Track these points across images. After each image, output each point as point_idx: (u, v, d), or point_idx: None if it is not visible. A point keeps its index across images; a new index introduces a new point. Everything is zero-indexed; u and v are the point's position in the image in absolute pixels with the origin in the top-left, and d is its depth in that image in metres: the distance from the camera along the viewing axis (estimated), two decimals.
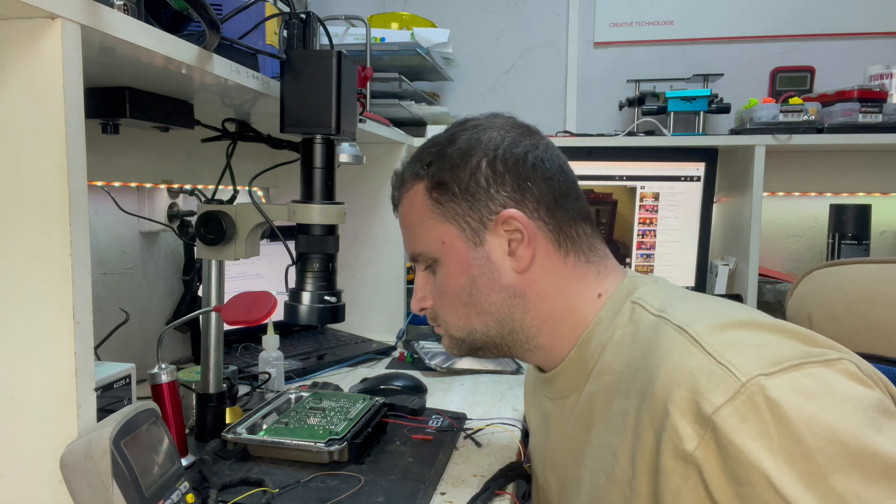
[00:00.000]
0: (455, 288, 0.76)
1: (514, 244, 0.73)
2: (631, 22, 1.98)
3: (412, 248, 0.80)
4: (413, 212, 0.78)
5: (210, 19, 0.66)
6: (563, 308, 0.74)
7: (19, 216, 0.53)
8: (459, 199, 0.74)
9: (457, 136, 0.77)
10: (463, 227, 0.74)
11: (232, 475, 0.82)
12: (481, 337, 0.77)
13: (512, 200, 0.73)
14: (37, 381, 0.54)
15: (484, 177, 0.74)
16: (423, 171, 0.77)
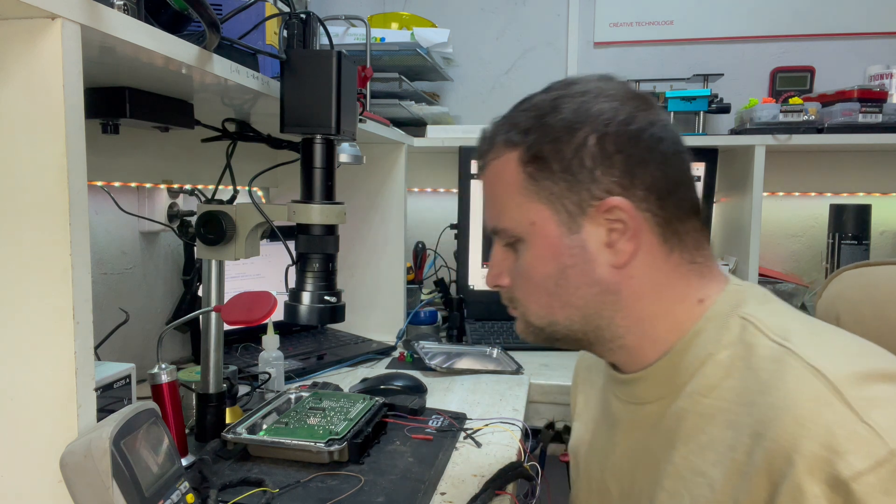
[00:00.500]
0: (541, 275, 0.69)
1: (614, 235, 0.65)
2: (631, 22, 1.98)
3: (495, 221, 0.72)
4: (501, 183, 0.70)
5: (210, 19, 0.66)
6: (659, 310, 0.67)
7: (19, 216, 0.53)
8: (558, 178, 0.66)
9: (562, 102, 0.67)
10: (558, 209, 0.66)
11: (232, 475, 0.82)
12: (562, 330, 0.70)
13: (619, 186, 0.64)
14: (37, 381, 0.54)
15: (590, 156, 0.65)
16: (519, 138, 0.68)
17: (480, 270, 1.65)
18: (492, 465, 0.89)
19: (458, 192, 1.65)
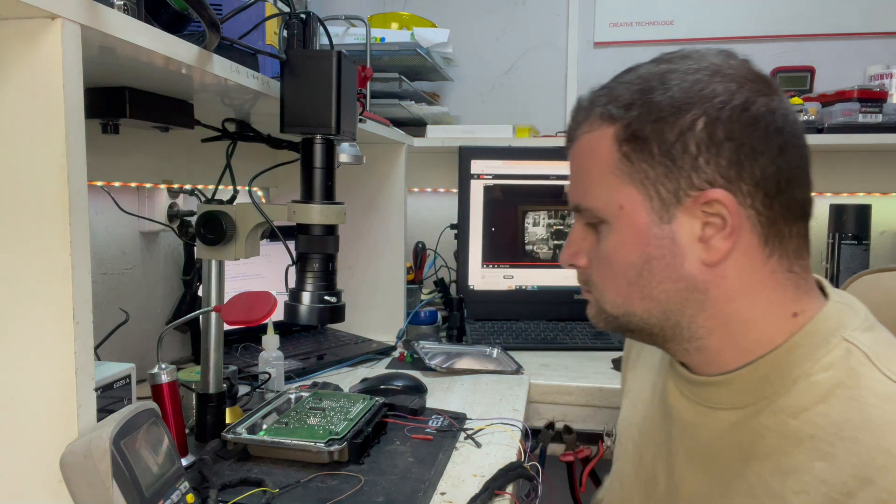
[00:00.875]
0: (623, 263, 0.64)
1: (709, 230, 0.60)
2: (631, 22, 1.98)
3: (579, 199, 0.67)
4: (592, 159, 0.65)
5: (210, 19, 0.66)
6: (748, 317, 0.62)
7: (19, 216, 0.53)
8: (656, 162, 0.61)
9: (671, 77, 0.61)
10: (651, 195, 0.61)
11: (232, 475, 0.82)
12: (637, 322, 0.66)
13: (723, 178, 0.59)
14: (37, 381, 0.54)
15: (696, 141, 0.59)
16: (619, 113, 0.63)
17: (480, 270, 1.65)
18: (492, 465, 0.89)
19: (458, 192, 1.65)
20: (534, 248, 1.65)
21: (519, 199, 1.64)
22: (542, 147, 1.73)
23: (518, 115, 2.03)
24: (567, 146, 0.70)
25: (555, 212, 1.65)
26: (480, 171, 1.63)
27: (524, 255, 1.65)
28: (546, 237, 1.65)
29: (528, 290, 1.66)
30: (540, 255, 1.65)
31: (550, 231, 1.65)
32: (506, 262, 1.65)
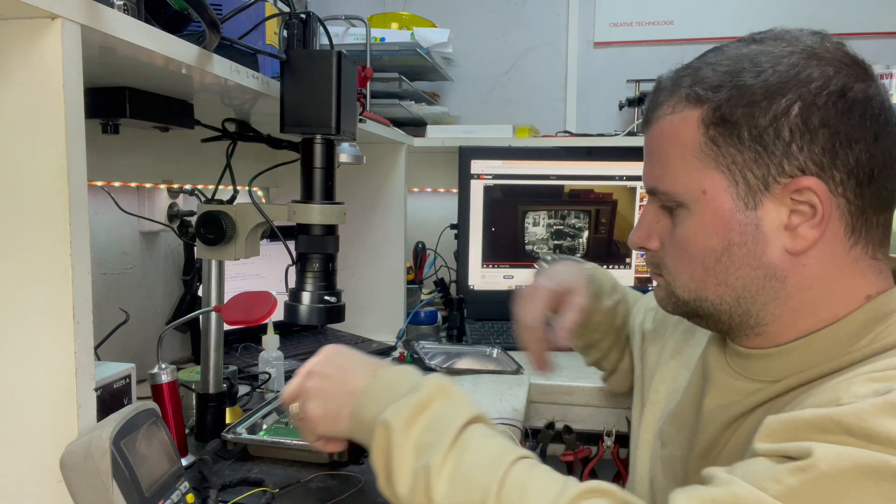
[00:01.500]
0: (702, 249, 0.63)
1: (796, 218, 0.59)
2: (631, 22, 1.98)
3: (657, 182, 0.66)
4: (674, 141, 0.63)
5: (210, 19, 0.66)
6: (819, 304, 0.61)
7: (19, 216, 0.53)
8: (745, 147, 0.59)
9: (765, 61, 0.59)
10: (737, 180, 0.60)
11: (232, 475, 0.82)
12: (708, 308, 0.65)
13: (816, 165, 0.57)
14: (37, 381, 0.54)
15: (790, 127, 0.57)
16: (707, 95, 0.61)
17: (480, 270, 1.65)
18: None
19: (458, 192, 1.65)
20: (534, 248, 1.65)
21: (519, 199, 1.64)
22: (542, 147, 1.73)
23: (518, 115, 2.03)
24: (644, 127, 0.68)
25: (555, 212, 1.65)
26: (480, 171, 1.63)
27: (524, 255, 1.65)
28: (546, 237, 1.65)
29: None
30: (540, 255, 1.65)
31: (550, 231, 1.65)
32: (506, 262, 1.65)
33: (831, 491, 0.46)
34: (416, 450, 0.59)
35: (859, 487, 0.46)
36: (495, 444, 0.59)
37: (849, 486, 0.46)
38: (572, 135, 1.83)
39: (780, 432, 0.51)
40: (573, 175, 1.63)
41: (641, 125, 0.70)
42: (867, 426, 0.47)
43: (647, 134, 0.68)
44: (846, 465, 0.46)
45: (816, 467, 0.46)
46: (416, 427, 0.60)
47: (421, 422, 0.61)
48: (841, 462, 0.46)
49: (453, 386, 0.66)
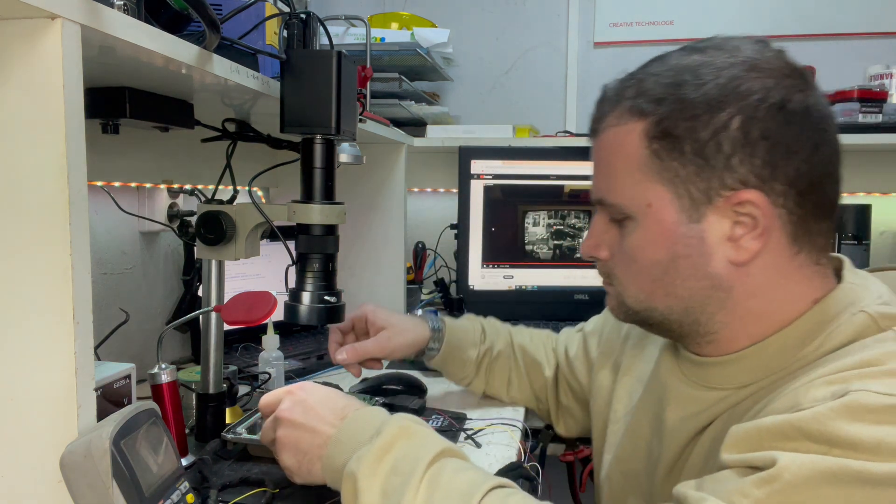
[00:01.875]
0: (649, 260, 0.64)
1: (739, 230, 0.60)
2: (631, 22, 1.99)
3: (604, 194, 0.66)
4: (618, 154, 0.64)
5: (210, 19, 0.66)
6: (766, 310, 0.62)
7: (19, 216, 0.53)
8: (687, 161, 0.59)
9: (706, 73, 0.59)
10: (681, 193, 0.60)
11: (232, 475, 0.82)
12: (657, 317, 0.67)
13: (757, 178, 0.58)
14: (37, 381, 0.54)
15: (730, 141, 0.58)
16: (650, 108, 0.61)
17: (480, 270, 1.65)
18: (492, 466, 0.89)
19: (458, 192, 1.65)
20: (534, 248, 1.65)
21: (519, 199, 1.64)
22: (542, 147, 1.73)
23: (518, 115, 2.03)
24: (591, 137, 0.68)
25: (555, 212, 1.65)
26: (480, 171, 1.63)
27: (524, 255, 1.65)
28: (546, 237, 1.65)
29: (528, 290, 1.66)
30: (540, 255, 1.65)
31: (550, 231, 1.65)
32: (506, 262, 1.65)
33: (796, 499, 0.47)
34: (382, 495, 0.59)
35: (823, 494, 0.46)
36: (465, 478, 0.59)
37: (813, 494, 0.46)
38: (572, 135, 1.83)
39: (745, 442, 0.52)
40: (573, 175, 1.63)
41: (589, 134, 0.69)
42: (827, 430, 0.48)
43: (594, 144, 0.68)
44: (809, 472, 0.47)
45: (781, 477, 0.47)
46: (380, 472, 0.60)
47: (384, 466, 0.61)
48: (804, 470, 0.47)
49: (416, 425, 0.66)
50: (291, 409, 0.72)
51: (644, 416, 0.77)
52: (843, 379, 0.51)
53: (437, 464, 0.61)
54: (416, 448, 0.62)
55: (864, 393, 0.49)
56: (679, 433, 0.69)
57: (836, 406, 0.48)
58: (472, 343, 1.05)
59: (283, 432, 0.72)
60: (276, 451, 0.73)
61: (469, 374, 1.06)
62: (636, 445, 0.78)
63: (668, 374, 0.72)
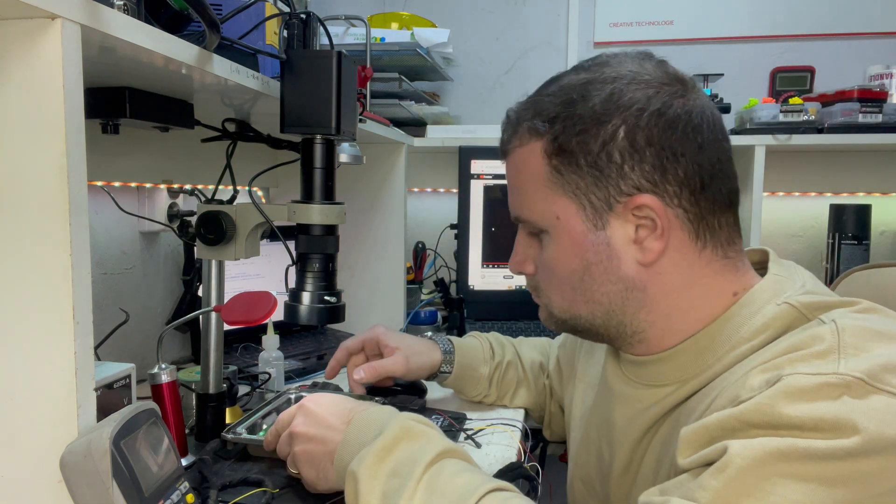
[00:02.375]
0: (565, 270, 0.67)
1: (642, 232, 0.64)
2: (631, 22, 1.98)
3: (518, 210, 0.71)
4: (525, 173, 0.68)
5: (210, 19, 0.66)
6: (687, 306, 0.65)
7: (19, 216, 0.53)
8: (584, 173, 0.63)
9: (591, 88, 0.64)
10: (584, 204, 0.64)
11: (232, 475, 0.82)
12: (584, 324, 0.70)
13: (648, 182, 0.62)
14: (37, 381, 0.54)
15: (619, 150, 0.62)
16: (545, 128, 0.65)
17: (480, 270, 1.65)
18: (492, 466, 0.89)
19: (458, 192, 1.65)
20: None
21: None
22: None
23: None
24: (502, 160, 0.73)
25: None
26: (480, 171, 1.63)
27: None
28: None
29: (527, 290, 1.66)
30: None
31: None
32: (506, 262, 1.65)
33: (750, 482, 0.48)
34: (382, 497, 0.60)
35: (774, 472, 0.48)
36: (462, 480, 0.59)
37: (765, 474, 0.48)
38: None
39: (695, 442, 0.53)
40: None
41: (500, 158, 0.73)
42: (768, 417, 0.50)
43: (505, 166, 0.72)
44: (760, 454, 0.48)
45: (733, 463, 0.49)
46: (381, 474, 0.61)
47: (385, 468, 0.62)
48: (754, 453, 0.48)
49: (420, 425, 0.66)
50: (302, 423, 0.75)
51: (593, 422, 0.80)
52: (774, 366, 0.54)
53: (437, 465, 0.61)
54: (417, 449, 0.63)
55: (794, 376, 0.51)
56: (627, 434, 0.71)
57: (772, 393, 0.51)
58: (483, 360, 1.08)
59: (299, 447, 0.75)
60: (296, 467, 0.76)
61: (482, 390, 1.08)
62: (588, 451, 0.80)
63: (613, 377, 0.75)
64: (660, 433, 0.68)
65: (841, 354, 0.52)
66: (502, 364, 1.09)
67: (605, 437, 0.77)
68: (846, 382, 0.49)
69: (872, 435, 0.47)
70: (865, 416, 0.48)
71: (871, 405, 0.48)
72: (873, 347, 0.52)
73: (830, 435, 0.48)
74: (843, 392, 0.49)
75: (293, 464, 0.76)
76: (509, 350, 1.11)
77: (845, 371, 0.50)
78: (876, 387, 0.49)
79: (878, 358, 0.51)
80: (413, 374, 1.03)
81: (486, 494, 0.57)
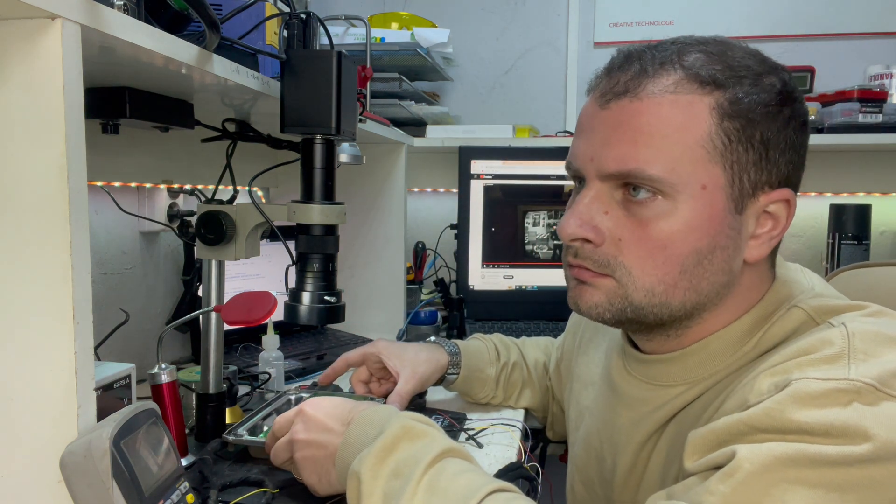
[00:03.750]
0: (685, 248, 0.59)
1: (760, 229, 0.60)
2: (631, 22, 1.98)
3: (641, 164, 0.58)
4: (673, 124, 0.57)
5: (210, 19, 0.66)
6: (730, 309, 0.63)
7: (19, 216, 0.53)
8: (752, 149, 0.57)
9: (778, 70, 0.60)
10: (735, 181, 0.58)
11: (232, 475, 0.82)
12: (663, 315, 0.62)
13: (788, 179, 0.60)
14: (37, 381, 0.54)
15: (788, 138, 0.59)
16: (729, 83, 0.57)
17: (480, 270, 1.65)
18: (492, 466, 0.89)
19: (458, 192, 1.65)
20: (534, 248, 1.65)
21: (519, 199, 1.64)
22: (542, 147, 1.73)
23: (518, 115, 2.03)
24: (616, 98, 0.59)
25: (555, 212, 1.65)
26: (480, 171, 1.63)
27: (524, 255, 1.65)
28: (546, 237, 1.65)
29: (528, 290, 1.66)
30: (540, 255, 1.65)
31: (550, 231, 1.65)
32: (506, 262, 1.65)
33: (759, 487, 0.47)
34: (384, 497, 0.60)
35: (783, 478, 0.47)
36: (464, 481, 0.58)
37: (774, 479, 0.47)
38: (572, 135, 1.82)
39: (703, 446, 0.53)
40: None
41: (609, 94, 0.60)
42: (777, 422, 0.49)
43: (624, 106, 0.59)
44: (768, 459, 0.48)
45: (742, 468, 0.48)
46: (382, 474, 0.61)
47: (386, 469, 0.61)
48: (763, 458, 0.48)
49: (420, 424, 0.66)
50: (302, 429, 0.75)
51: (594, 424, 0.78)
52: (783, 370, 0.53)
53: (438, 465, 0.60)
54: (418, 449, 0.62)
55: (804, 381, 0.50)
56: (632, 436, 0.70)
57: (781, 398, 0.50)
58: (489, 362, 1.08)
59: (299, 453, 0.75)
60: (299, 472, 0.76)
61: (490, 392, 1.08)
62: (589, 454, 0.79)
63: (618, 377, 0.74)
64: (666, 435, 0.67)
65: (851, 359, 0.51)
66: (508, 365, 1.09)
67: (607, 441, 0.76)
68: (856, 388, 0.49)
69: (884, 442, 0.46)
70: (876, 422, 0.47)
71: (882, 412, 0.48)
72: (884, 353, 0.51)
73: (840, 441, 0.47)
74: (853, 398, 0.48)
75: (296, 469, 0.76)
76: (514, 351, 1.11)
77: (856, 377, 0.49)
78: (887, 393, 0.48)
79: (888, 364, 0.50)
80: (426, 385, 1.02)
81: (488, 495, 0.56)
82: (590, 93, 0.64)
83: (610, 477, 0.74)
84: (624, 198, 0.60)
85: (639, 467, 0.70)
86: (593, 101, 0.63)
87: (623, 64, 0.61)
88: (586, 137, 0.63)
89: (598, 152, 0.61)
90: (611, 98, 0.60)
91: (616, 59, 0.62)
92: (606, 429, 0.75)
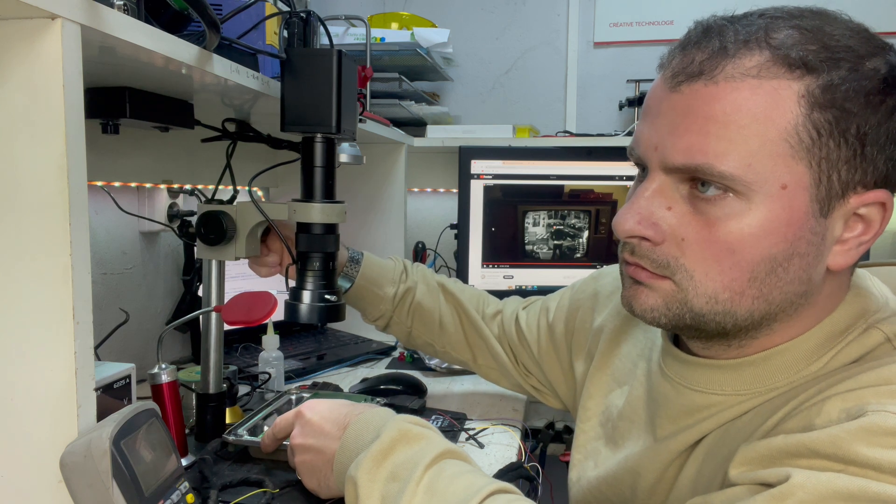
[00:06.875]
0: (758, 253, 0.52)
1: (848, 233, 0.52)
2: (631, 22, 1.98)
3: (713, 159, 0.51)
4: (757, 114, 0.50)
5: (210, 19, 0.66)
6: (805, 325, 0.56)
7: (19, 216, 0.53)
8: (846, 144, 0.49)
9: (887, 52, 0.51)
10: (821, 180, 0.50)
11: (232, 475, 0.82)
12: (727, 324, 0.55)
13: (885, 180, 0.51)
14: (37, 381, 0.54)
15: (890, 133, 0.50)
16: (823, 67, 0.49)
17: (480, 270, 1.65)
18: (492, 466, 0.89)
19: (458, 192, 1.65)
20: (534, 248, 1.65)
21: (519, 199, 1.64)
22: (542, 147, 1.73)
23: (518, 115, 2.03)
24: (691, 80, 0.52)
25: (555, 212, 1.65)
26: (480, 171, 1.63)
27: (524, 255, 1.65)
28: (546, 237, 1.65)
29: (528, 290, 1.66)
30: (540, 255, 1.65)
31: (550, 231, 1.65)
32: (506, 262, 1.65)
33: None
34: (381, 501, 0.59)
35: None
36: (463, 482, 0.57)
37: None
38: (572, 135, 1.83)
39: (755, 459, 0.49)
40: (573, 175, 1.63)
41: (682, 75, 0.52)
42: (842, 452, 0.45)
43: (697, 91, 0.52)
44: (825, 490, 0.44)
45: (794, 495, 0.44)
46: (379, 478, 0.60)
47: (383, 472, 0.61)
48: (820, 487, 0.44)
49: (417, 427, 0.65)
50: (299, 433, 0.76)
51: (628, 427, 0.71)
52: (857, 398, 0.47)
53: (436, 467, 0.60)
54: (415, 452, 0.62)
55: (882, 414, 0.45)
56: (670, 445, 0.63)
57: (852, 428, 0.45)
58: (391, 280, 1.00)
59: (299, 459, 0.75)
60: (301, 477, 0.77)
61: (385, 312, 1.00)
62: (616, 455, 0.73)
63: (663, 383, 0.66)
64: (705, 446, 0.60)
65: None
66: (414, 291, 1.00)
67: (641, 445, 0.69)
68: None
69: None
70: None
71: None
72: None
73: None
74: None
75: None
76: (428, 281, 1.01)
77: None
78: None
79: None
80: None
81: (488, 496, 0.55)
82: (660, 70, 0.56)
83: (634, 480, 0.68)
84: (690, 193, 0.54)
85: (670, 473, 0.64)
86: (662, 81, 0.55)
87: (700, 40, 0.53)
88: (651, 122, 0.55)
89: (664, 141, 0.53)
90: (683, 80, 0.52)
91: (692, 34, 0.54)
92: (643, 434, 0.68)
